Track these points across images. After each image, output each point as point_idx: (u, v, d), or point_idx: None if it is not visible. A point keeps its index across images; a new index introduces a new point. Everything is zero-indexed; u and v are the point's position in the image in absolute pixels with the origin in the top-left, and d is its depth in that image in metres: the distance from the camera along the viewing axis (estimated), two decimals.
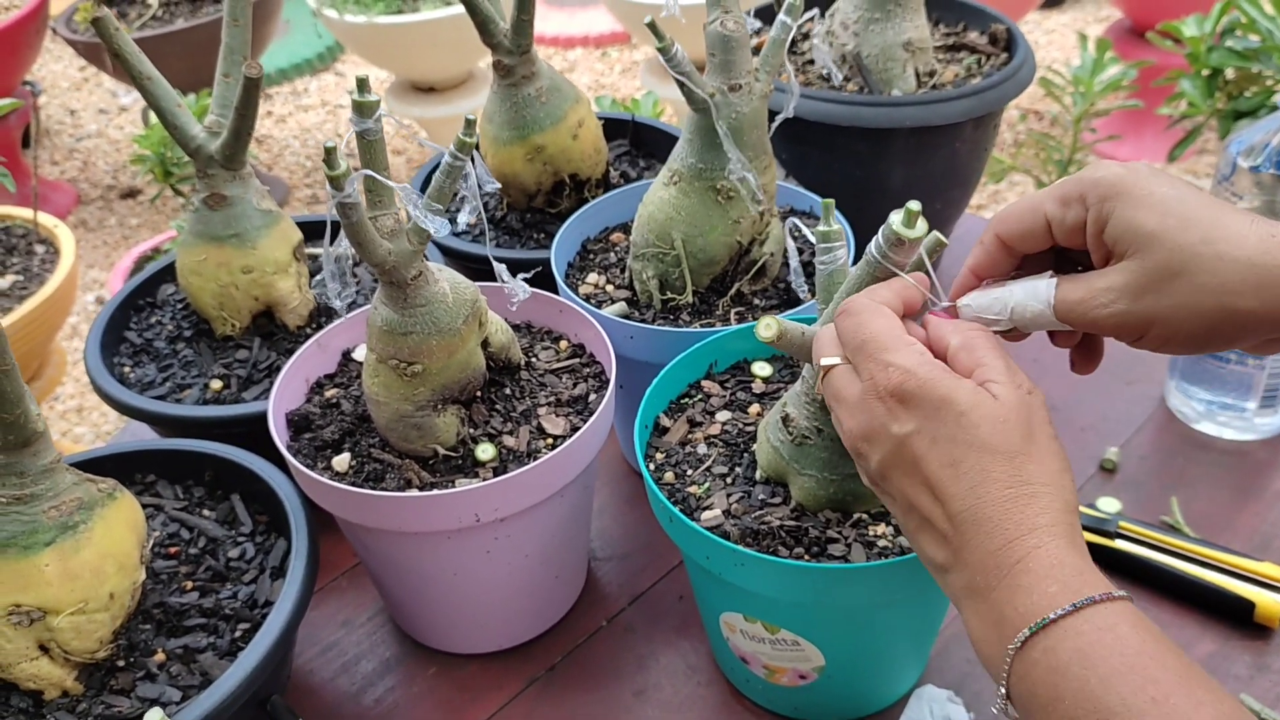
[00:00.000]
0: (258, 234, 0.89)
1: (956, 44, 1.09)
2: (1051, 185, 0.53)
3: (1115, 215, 0.50)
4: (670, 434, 0.76)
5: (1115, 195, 0.50)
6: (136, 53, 0.83)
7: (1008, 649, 0.45)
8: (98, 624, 0.65)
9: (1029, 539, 0.46)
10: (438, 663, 0.81)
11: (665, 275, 0.85)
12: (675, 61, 0.76)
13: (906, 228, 0.54)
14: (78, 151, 3.12)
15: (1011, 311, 0.54)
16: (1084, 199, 0.51)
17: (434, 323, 0.70)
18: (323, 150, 0.59)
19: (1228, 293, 0.47)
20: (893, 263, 0.55)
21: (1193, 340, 0.50)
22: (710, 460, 0.73)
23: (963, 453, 0.48)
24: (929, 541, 0.50)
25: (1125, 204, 0.49)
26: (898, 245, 0.54)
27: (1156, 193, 0.49)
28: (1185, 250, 0.48)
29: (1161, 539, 0.83)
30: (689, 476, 0.72)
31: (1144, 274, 0.49)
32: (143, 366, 0.92)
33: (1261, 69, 1.71)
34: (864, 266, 0.57)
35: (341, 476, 0.74)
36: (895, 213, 0.54)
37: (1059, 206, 0.52)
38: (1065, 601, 0.44)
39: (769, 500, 0.69)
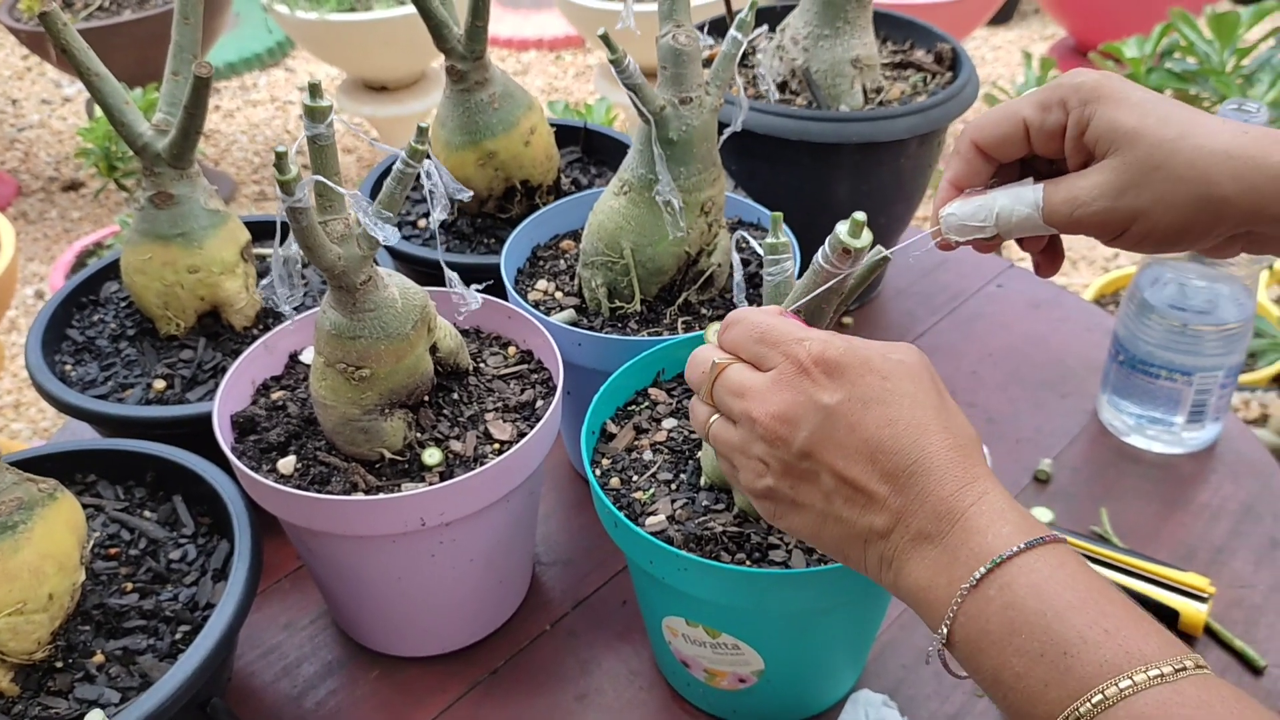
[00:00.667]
0: (204, 234, 0.89)
1: (903, 62, 1.12)
2: (1028, 92, 0.55)
3: (1097, 116, 0.52)
4: (617, 440, 0.76)
5: (1096, 98, 0.52)
6: (84, 48, 0.82)
7: (960, 588, 0.45)
8: (36, 625, 0.65)
9: (977, 485, 0.47)
10: (380, 666, 0.81)
11: (614, 284, 0.86)
12: (627, 73, 0.77)
13: (852, 237, 0.55)
14: (19, 142, 3.06)
15: (997, 217, 0.55)
16: (1064, 103, 0.53)
17: (383, 328, 0.70)
18: (272, 149, 0.59)
19: (1206, 181, 0.50)
20: (844, 271, 0.56)
21: (1171, 232, 0.52)
22: (655, 467, 0.74)
23: (896, 411, 0.49)
24: (863, 511, 0.49)
25: (1106, 105, 0.51)
26: (844, 255, 0.55)
27: (1134, 95, 0.52)
28: (1165, 144, 0.50)
29: (1091, 548, 0.85)
30: (634, 482, 0.73)
31: (1126, 169, 0.51)
32: (84, 365, 0.91)
33: (1199, 91, 1.76)
34: (810, 275, 0.58)
35: (286, 479, 0.74)
36: (842, 223, 0.55)
37: (1038, 111, 0.54)
38: (1019, 540, 0.45)
39: (712, 507, 0.70)
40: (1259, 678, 0.78)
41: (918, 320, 1.15)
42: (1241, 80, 1.72)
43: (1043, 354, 1.09)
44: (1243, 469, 0.96)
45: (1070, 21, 2.68)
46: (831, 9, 1.01)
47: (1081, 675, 0.42)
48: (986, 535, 0.46)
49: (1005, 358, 1.09)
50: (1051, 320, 1.14)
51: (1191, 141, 0.50)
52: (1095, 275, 2.36)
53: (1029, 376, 1.06)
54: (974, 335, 1.12)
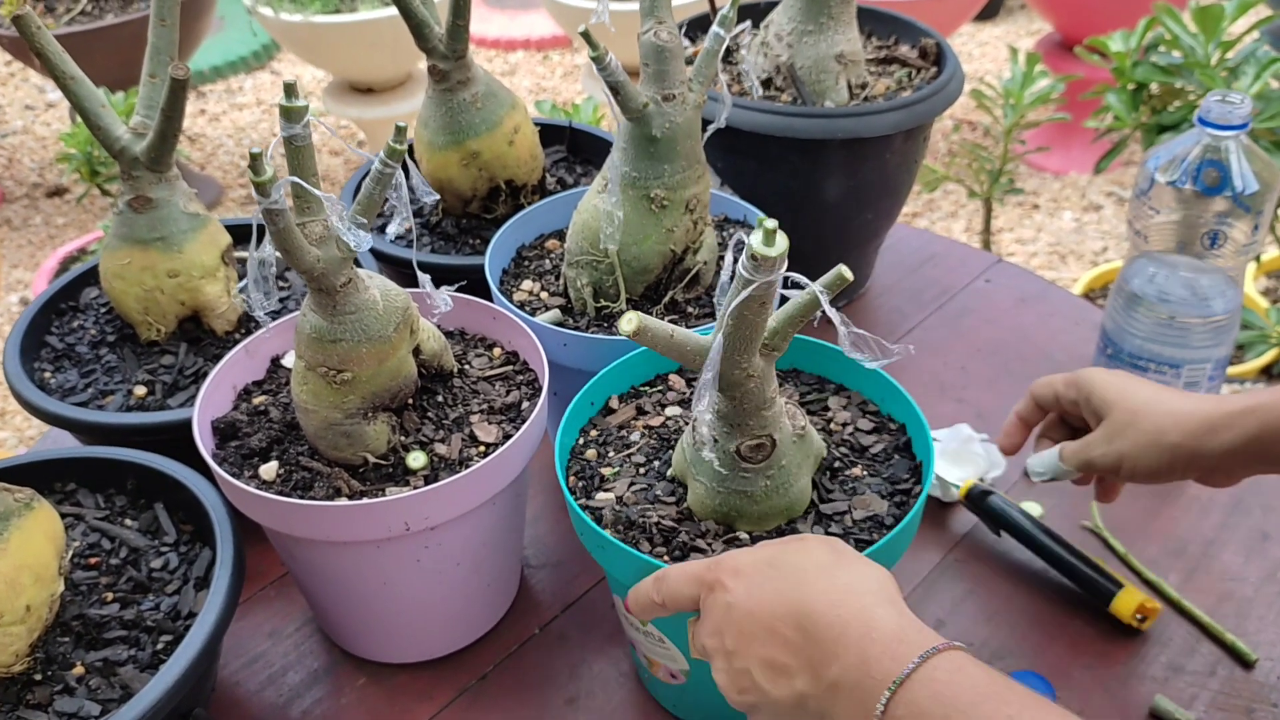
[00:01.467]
0: (184, 237, 0.88)
1: (888, 57, 1.11)
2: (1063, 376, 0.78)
3: (1092, 394, 0.75)
4: (615, 415, 0.76)
5: (1090, 384, 0.75)
6: (59, 51, 0.81)
7: (874, 713, 0.48)
8: (13, 637, 0.64)
9: (862, 616, 0.51)
10: (367, 673, 0.80)
11: (599, 283, 0.85)
12: (609, 71, 0.76)
13: (765, 246, 0.54)
14: (2, 148, 3.04)
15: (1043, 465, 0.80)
16: (1077, 385, 0.77)
17: (364, 330, 0.70)
18: (258, 150, 0.58)
19: (1162, 432, 0.70)
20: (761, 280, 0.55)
21: (1152, 472, 0.71)
22: (635, 449, 0.73)
23: (782, 583, 0.54)
24: (788, 680, 0.52)
25: (1097, 387, 0.75)
26: (761, 263, 0.54)
27: (1115, 380, 0.75)
28: (1134, 409, 0.72)
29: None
30: (609, 458, 0.72)
31: (1111, 426, 0.73)
32: (64, 372, 0.90)
33: (1184, 84, 1.76)
34: (738, 284, 0.57)
35: (269, 485, 0.73)
36: (755, 232, 0.54)
37: (1065, 388, 0.78)
38: (914, 656, 0.49)
39: (663, 498, 0.69)
40: (1250, 671, 0.77)
41: (906, 316, 1.14)
42: (1226, 73, 1.72)
43: (1031, 348, 1.09)
44: None
45: (1056, 17, 2.67)
46: (815, 5, 1.01)
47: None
48: (884, 660, 0.49)
49: (994, 353, 1.09)
50: (1040, 314, 1.13)
51: (1151, 406, 0.71)
52: (1084, 269, 2.36)
53: (1017, 371, 1.06)
54: (962, 330, 1.12)
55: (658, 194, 0.82)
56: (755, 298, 0.56)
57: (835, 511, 0.68)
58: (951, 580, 0.85)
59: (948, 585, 0.85)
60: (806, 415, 0.69)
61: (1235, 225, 0.87)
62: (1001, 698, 0.46)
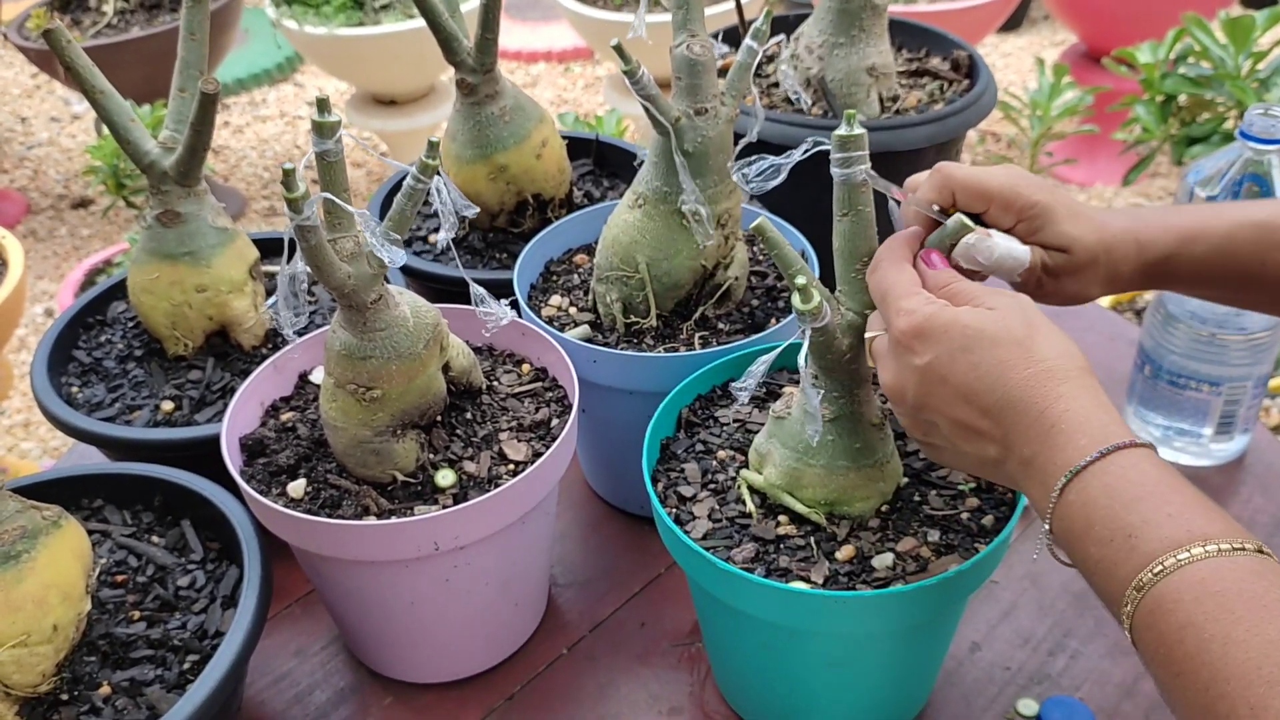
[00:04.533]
0: (212, 252, 0.88)
1: (919, 69, 1.10)
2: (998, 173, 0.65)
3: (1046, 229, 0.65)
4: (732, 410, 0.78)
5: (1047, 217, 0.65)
6: (89, 65, 0.81)
7: (1051, 497, 0.52)
8: (40, 657, 0.63)
9: (1057, 405, 0.53)
10: (394, 692, 0.80)
11: (629, 298, 0.84)
12: (641, 85, 0.75)
13: (803, 304, 0.61)
14: (28, 160, 3.06)
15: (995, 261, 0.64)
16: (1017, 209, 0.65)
17: (394, 347, 0.69)
18: (281, 165, 0.58)
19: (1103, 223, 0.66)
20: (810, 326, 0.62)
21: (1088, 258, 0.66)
22: None
23: (978, 355, 0.55)
24: (980, 445, 0.56)
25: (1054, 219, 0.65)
26: (806, 315, 0.62)
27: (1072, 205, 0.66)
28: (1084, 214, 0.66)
29: None
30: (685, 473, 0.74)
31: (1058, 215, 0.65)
32: (91, 386, 0.89)
33: (1214, 96, 1.74)
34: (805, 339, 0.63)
35: (296, 503, 0.72)
36: (792, 295, 0.62)
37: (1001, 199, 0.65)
38: (1093, 450, 0.51)
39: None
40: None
41: None
42: (1257, 84, 1.70)
43: None
44: (1273, 481, 0.94)
45: (1081, 27, 2.65)
46: (846, 17, 1.00)
47: (1145, 552, 0.47)
48: (1066, 450, 0.52)
49: None
50: (1074, 330, 1.10)
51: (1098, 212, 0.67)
52: None
53: None
54: None
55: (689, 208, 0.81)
56: (815, 343, 0.63)
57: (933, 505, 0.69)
58: (985, 602, 0.84)
59: (982, 607, 0.83)
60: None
61: None
62: (1164, 496, 0.49)
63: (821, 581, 0.64)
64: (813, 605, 0.62)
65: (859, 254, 0.64)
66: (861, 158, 0.62)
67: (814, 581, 0.64)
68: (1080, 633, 0.81)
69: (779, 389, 0.80)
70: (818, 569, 0.65)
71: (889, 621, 0.63)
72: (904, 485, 0.71)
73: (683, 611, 0.84)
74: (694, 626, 0.83)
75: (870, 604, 0.62)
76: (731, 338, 0.84)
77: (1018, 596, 0.84)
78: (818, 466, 0.67)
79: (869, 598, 0.61)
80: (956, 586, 0.63)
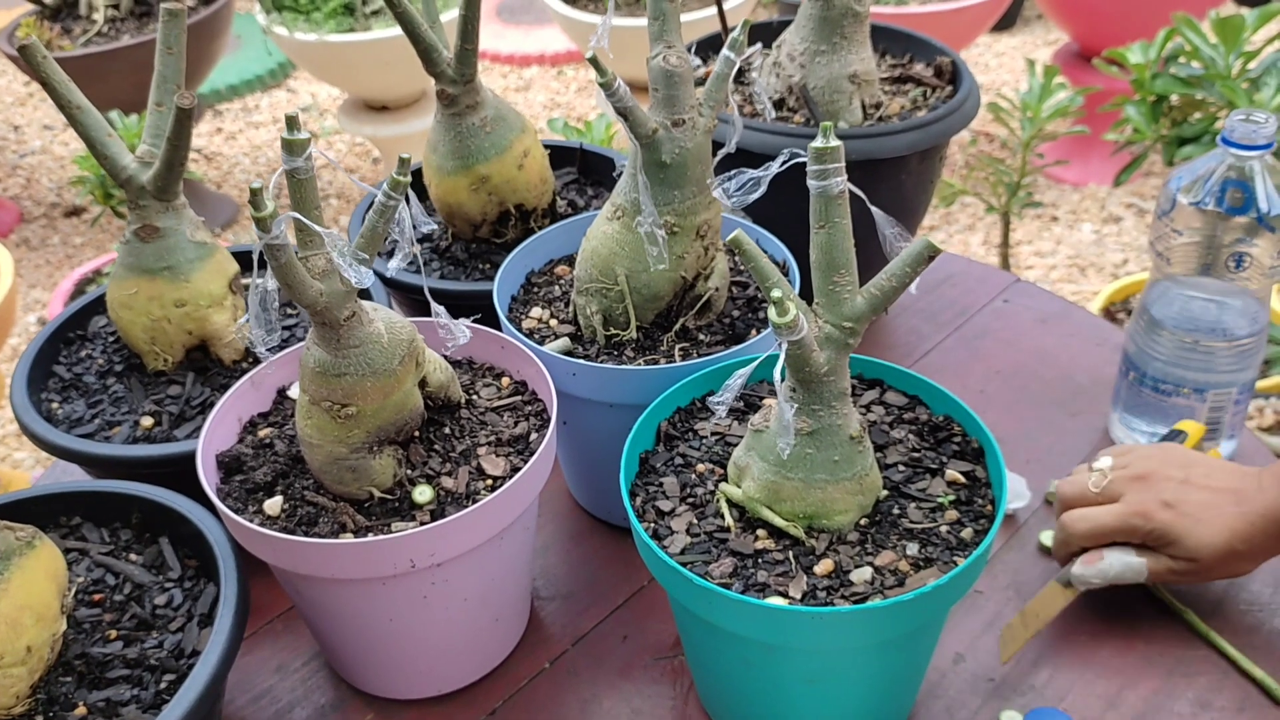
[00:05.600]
0: (191, 267, 0.87)
1: (902, 76, 1.10)
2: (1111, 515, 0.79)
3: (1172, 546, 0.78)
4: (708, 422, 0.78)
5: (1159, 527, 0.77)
6: (65, 80, 0.81)
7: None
8: (14, 679, 0.63)
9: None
10: (375, 709, 0.79)
11: (609, 310, 0.84)
12: (617, 96, 0.75)
13: (779, 317, 0.61)
14: (21, 168, 3.06)
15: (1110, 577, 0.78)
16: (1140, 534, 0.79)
17: (368, 364, 0.69)
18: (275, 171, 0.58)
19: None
20: (789, 339, 0.62)
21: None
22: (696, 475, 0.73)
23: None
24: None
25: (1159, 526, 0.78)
26: (783, 329, 0.61)
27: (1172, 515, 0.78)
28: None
29: None
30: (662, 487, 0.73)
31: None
32: (71, 402, 0.89)
33: (1205, 95, 1.74)
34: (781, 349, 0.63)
35: (273, 521, 0.72)
36: (769, 309, 0.61)
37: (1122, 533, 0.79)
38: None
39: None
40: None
41: (923, 338, 1.12)
42: (1248, 84, 1.70)
43: (1052, 371, 1.07)
44: None
45: (1074, 27, 2.65)
46: (828, 24, 0.99)
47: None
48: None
49: (1013, 375, 1.07)
50: (1060, 335, 1.11)
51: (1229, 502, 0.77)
52: (1105, 282, 2.34)
53: (1038, 394, 1.04)
54: (981, 352, 1.10)
55: (668, 220, 0.80)
56: (792, 356, 0.63)
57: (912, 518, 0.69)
58: (969, 613, 0.83)
59: (965, 618, 0.83)
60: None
61: (1260, 246, 0.85)
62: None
63: (799, 597, 0.64)
64: (790, 621, 0.62)
65: (836, 266, 0.64)
66: (838, 169, 0.62)
67: (792, 597, 0.64)
68: (1064, 644, 0.80)
69: (758, 401, 0.79)
70: (796, 584, 0.65)
71: (867, 636, 0.63)
72: (883, 498, 0.70)
73: (665, 624, 0.84)
74: (676, 640, 0.83)
75: (847, 619, 0.61)
76: (712, 349, 0.83)
77: (1001, 607, 0.84)
78: (796, 480, 0.67)
79: (846, 613, 0.61)
80: (935, 600, 0.63)
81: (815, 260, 0.64)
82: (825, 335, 0.64)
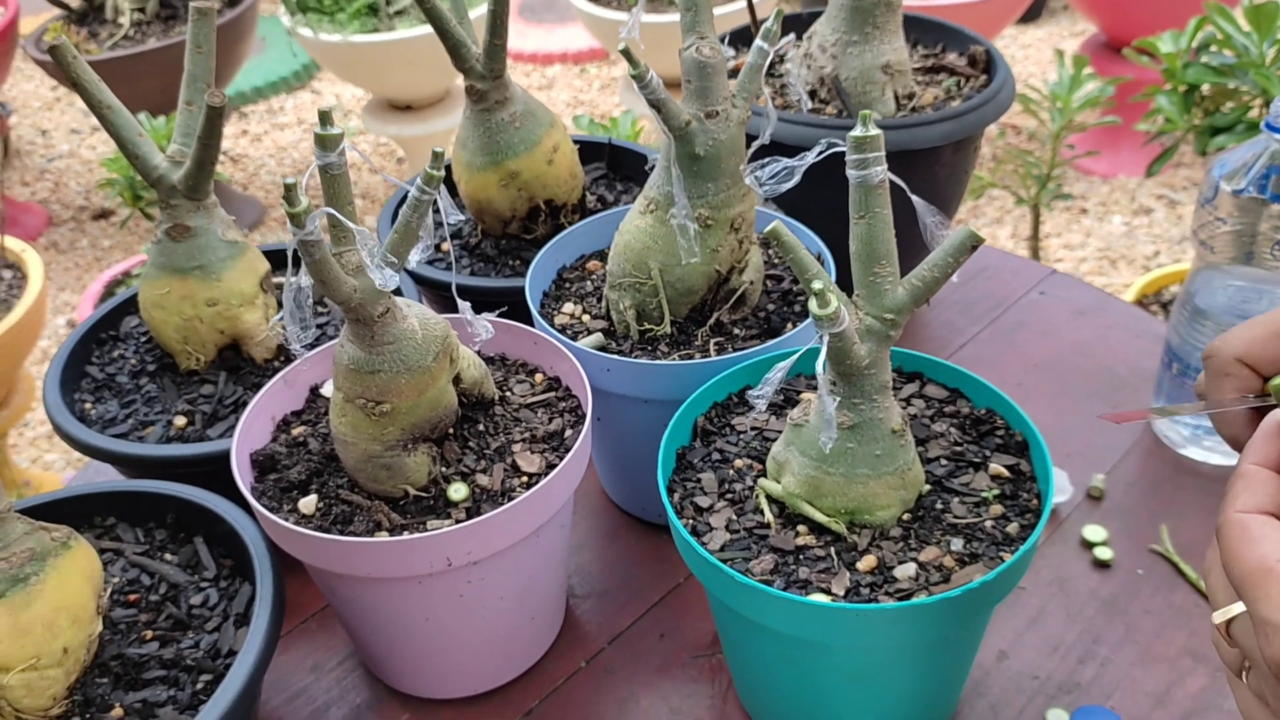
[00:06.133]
0: (223, 266, 0.87)
1: (935, 66, 1.08)
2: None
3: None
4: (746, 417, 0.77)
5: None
6: (95, 80, 0.81)
7: None
8: (51, 680, 0.63)
9: None
10: (411, 708, 0.79)
11: (642, 305, 0.83)
12: (650, 88, 0.74)
13: (820, 308, 0.59)
14: (49, 172, 3.08)
15: None
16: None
17: (402, 360, 0.68)
18: (300, 172, 0.57)
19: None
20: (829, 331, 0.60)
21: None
22: None
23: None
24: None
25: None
26: (824, 320, 0.59)
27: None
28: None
29: None
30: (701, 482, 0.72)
31: None
32: (104, 403, 0.89)
33: (1238, 85, 1.71)
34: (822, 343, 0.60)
35: (308, 519, 0.71)
36: (810, 300, 0.59)
37: None
38: None
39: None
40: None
41: (958, 331, 1.11)
42: None
43: (1090, 363, 1.05)
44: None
45: (1101, 17, 2.62)
46: (860, 14, 0.98)
47: None
48: None
49: (1051, 368, 1.05)
50: (1098, 327, 1.10)
51: None
52: (1136, 274, 2.31)
53: (1077, 387, 1.02)
54: (1018, 345, 1.08)
55: (702, 213, 0.79)
56: (833, 348, 0.61)
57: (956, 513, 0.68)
58: (1012, 610, 0.82)
59: (1009, 615, 0.82)
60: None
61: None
62: None
63: (842, 593, 0.63)
64: (833, 618, 0.61)
65: (877, 257, 0.63)
66: (878, 159, 0.61)
67: (835, 593, 0.63)
68: (1110, 640, 0.79)
69: (796, 395, 0.78)
70: (838, 580, 0.64)
71: (913, 634, 0.62)
72: (926, 493, 0.69)
73: (702, 621, 0.83)
74: (714, 637, 0.82)
75: (893, 616, 0.60)
76: (747, 343, 0.82)
77: (1045, 603, 0.82)
78: (837, 475, 0.66)
79: (891, 610, 0.60)
80: (982, 596, 0.61)
81: (855, 251, 0.63)
82: (866, 327, 0.63)
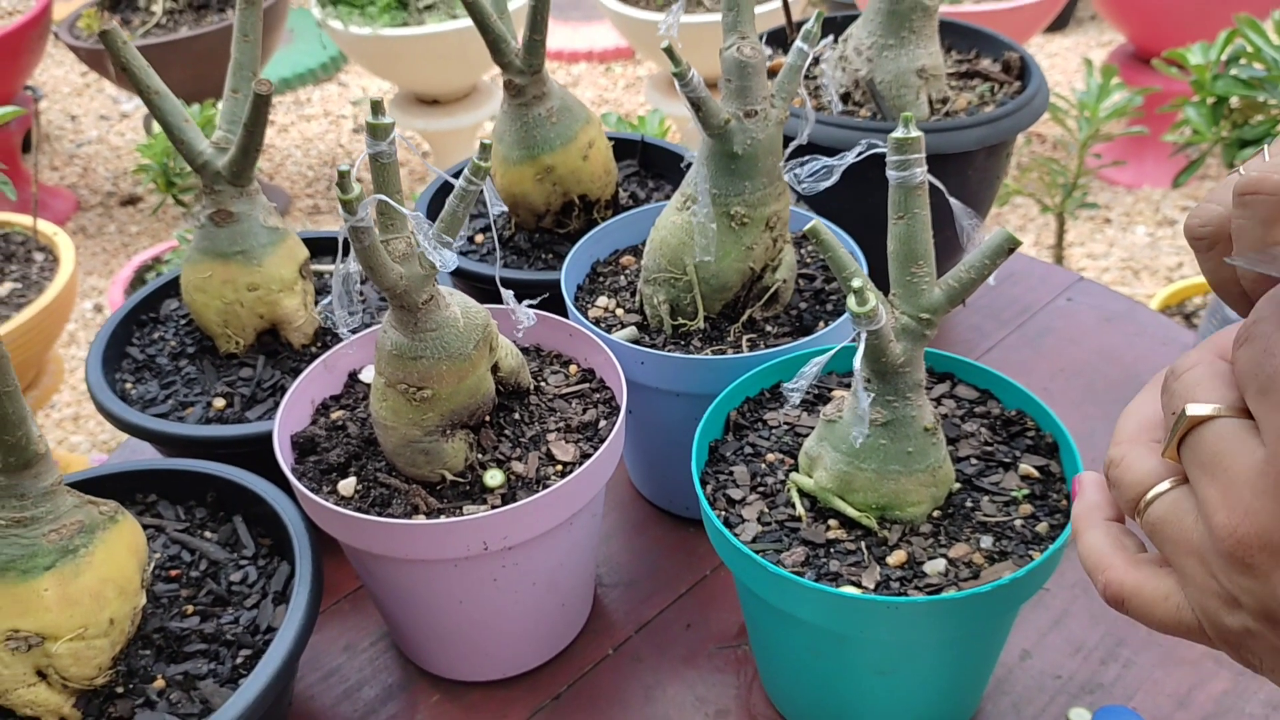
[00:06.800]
0: (264, 251, 0.88)
1: (969, 71, 1.09)
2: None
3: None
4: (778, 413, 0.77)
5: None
6: (144, 66, 0.82)
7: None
8: (97, 650, 0.64)
9: None
10: (441, 690, 0.80)
11: (676, 300, 0.84)
12: (691, 86, 0.75)
13: (859, 306, 0.60)
14: (78, 157, 3.11)
15: None
16: None
17: (444, 348, 0.69)
18: (326, 163, 0.59)
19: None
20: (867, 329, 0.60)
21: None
22: None
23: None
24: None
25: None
26: (862, 318, 0.60)
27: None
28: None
29: None
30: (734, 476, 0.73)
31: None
32: (145, 383, 0.91)
33: (1267, 98, 1.71)
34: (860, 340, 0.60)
35: (347, 501, 0.73)
36: (848, 298, 0.60)
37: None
38: None
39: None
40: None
41: (985, 335, 1.12)
42: None
43: (1117, 370, 1.06)
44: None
45: (1130, 28, 2.62)
46: (896, 18, 0.99)
47: None
48: None
49: (1078, 374, 1.06)
50: (1126, 334, 1.10)
51: None
52: (1159, 285, 2.31)
53: (1104, 394, 1.03)
54: (1044, 351, 1.09)
55: (738, 211, 0.80)
56: (870, 346, 0.62)
57: (985, 512, 0.69)
58: (1036, 609, 0.83)
59: (1033, 614, 0.82)
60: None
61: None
62: None
63: (873, 586, 0.64)
64: (864, 610, 0.62)
65: (915, 257, 0.64)
66: (918, 160, 0.62)
67: (865, 586, 0.64)
68: (1133, 641, 0.80)
69: (828, 393, 0.79)
70: (869, 574, 0.65)
71: (940, 628, 0.63)
72: (956, 490, 0.70)
73: (729, 613, 0.84)
74: (740, 629, 0.83)
75: (922, 610, 0.61)
76: (779, 340, 0.83)
77: (1069, 604, 0.83)
78: (869, 470, 0.67)
79: (921, 604, 0.61)
80: (1011, 593, 0.62)
81: (893, 251, 0.64)
82: (902, 326, 0.64)
